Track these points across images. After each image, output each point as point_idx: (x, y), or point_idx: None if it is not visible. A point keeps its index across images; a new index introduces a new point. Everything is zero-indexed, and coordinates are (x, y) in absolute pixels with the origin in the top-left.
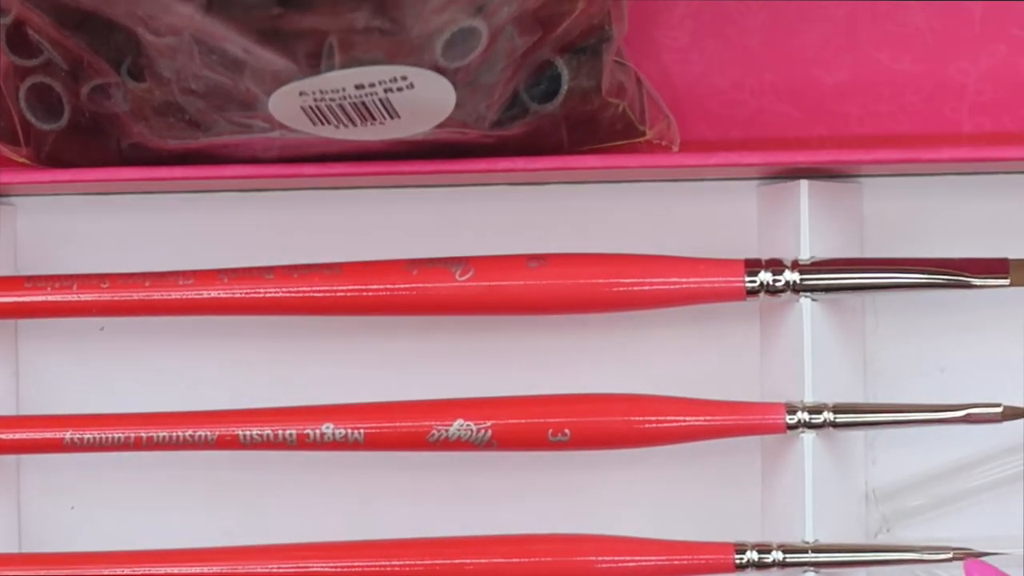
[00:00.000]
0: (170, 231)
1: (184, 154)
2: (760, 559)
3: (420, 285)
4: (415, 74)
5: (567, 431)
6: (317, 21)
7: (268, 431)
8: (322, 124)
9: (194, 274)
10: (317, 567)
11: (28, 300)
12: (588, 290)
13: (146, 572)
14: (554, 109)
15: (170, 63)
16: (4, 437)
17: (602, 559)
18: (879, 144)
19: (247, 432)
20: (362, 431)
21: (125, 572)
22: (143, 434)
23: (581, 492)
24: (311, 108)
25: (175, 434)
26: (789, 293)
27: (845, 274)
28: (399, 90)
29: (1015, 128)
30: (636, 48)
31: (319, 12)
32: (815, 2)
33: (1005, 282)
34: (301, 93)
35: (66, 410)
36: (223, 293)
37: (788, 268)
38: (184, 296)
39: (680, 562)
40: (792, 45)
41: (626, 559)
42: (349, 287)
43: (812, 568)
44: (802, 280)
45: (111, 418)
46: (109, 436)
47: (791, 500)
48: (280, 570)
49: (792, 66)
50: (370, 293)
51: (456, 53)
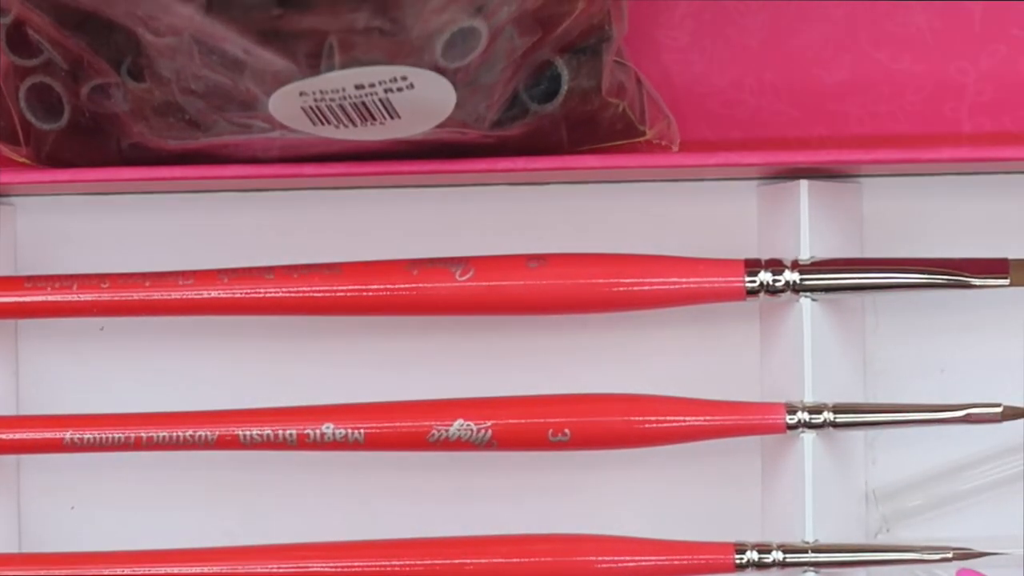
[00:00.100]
0: (170, 231)
1: (184, 154)
2: (760, 559)
3: (420, 285)
4: (415, 74)
5: (567, 431)
6: (317, 21)
7: (268, 431)
8: (322, 124)
9: (194, 274)
10: (317, 567)
11: (28, 300)
12: (588, 290)
13: (146, 572)
14: (554, 109)
15: (170, 63)
16: (4, 437)
17: (602, 559)
18: (879, 144)
19: (247, 432)
20: (362, 431)
21: (125, 572)
22: (143, 434)
23: (581, 492)
24: (311, 108)
25: (175, 434)
26: (789, 293)
27: (845, 274)
28: (399, 90)
29: (1015, 128)
30: (636, 48)
31: (319, 12)
32: (815, 2)
33: (1005, 282)
34: (301, 93)
35: (66, 410)
36: (223, 293)
37: (788, 268)
38: (184, 296)
39: (680, 562)
40: (792, 45)
41: (626, 559)
42: (349, 287)
43: (812, 568)
44: (802, 280)
45: (111, 418)
46: (109, 436)
47: (791, 500)
48: (280, 570)
49: (792, 66)
50: (370, 293)
51: (456, 53)
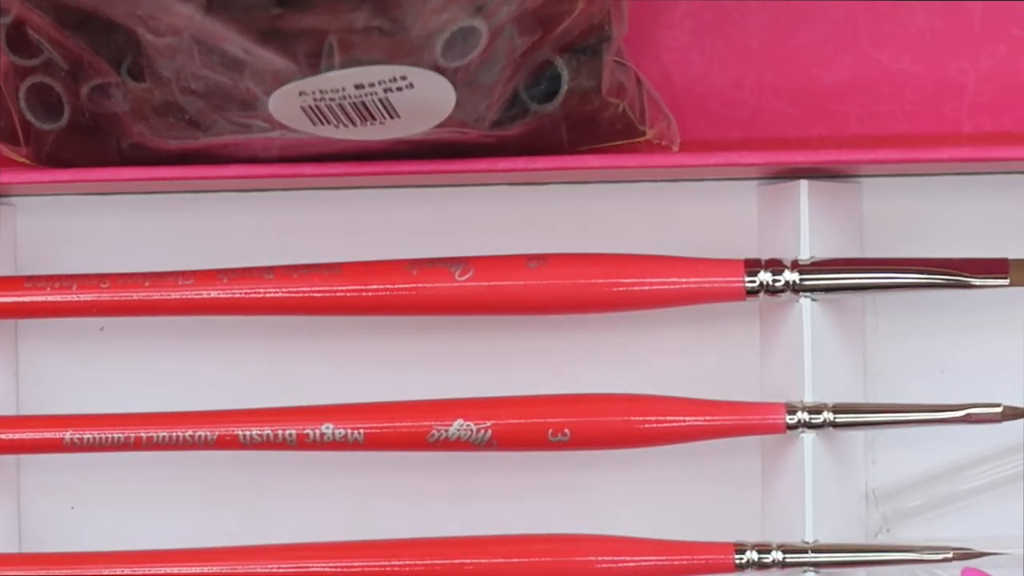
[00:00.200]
0: (170, 231)
1: (184, 154)
2: (760, 559)
3: (420, 285)
4: (415, 74)
5: (567, 431)
6: (317, 21)
7: (268, 431)
8: (322, 124)
9: (194, 274)
10: (317, 567)
11: (28, 300)
12: (588, 290)
13: (146, 572)
14: (554, 109)
15: (170, 63)
16: (4, 437)
17: (602, 559)
18: (879, 144)
19: (247, 432)
20: (362, 431)
21: (125, 572)
22: (143, 434)
23: (581, 492)
24: (311, 108)
25: (175, 434)
26: (789, 293)
27: (845, 274)
28: (399, 90)
29: (1015, 128)
30: (636, 48)
31: (319, 12)
32: (815, 2)
33: (1005, 282)
34: (301, 93)
35: (66, 410)
36: (223, 293)
37: (788, 268)
38: (184, 296)
39: (680, 562)
40: (792, 45)
41: (626, 559)
42: (349, 287)
43: (812, 568)
44: (802, 280)
45: (111, 418)
46: (109, 436)
47: (791, 500)
48: (280, 570)
49: (792, 66)
50: (370, 293)
51: (456, 53)
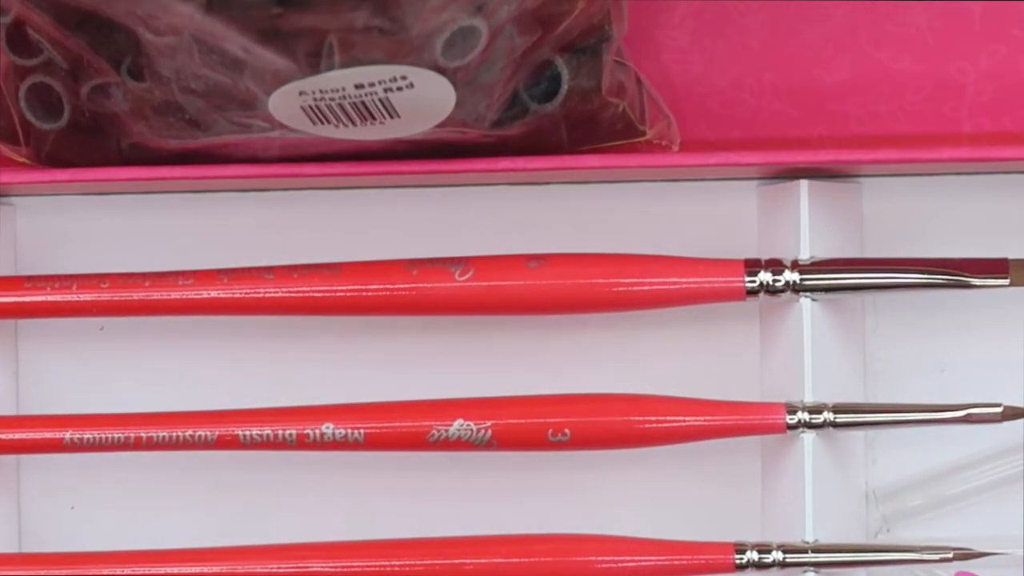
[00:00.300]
0: (170, 231)
1: (184, 154)
2: (760, 559)
3: (420, 285)
4: (415, 74)
5: (567, 431)
6: (317, 20)
7: (268, 431)
8: (322, 124)
9: (194, 274)
10: (317, 567)
11: (28, 300)
12: (588, 290)
13: (146, 572)
14: (554, 109)
15: (170, 63)
16: (4, 437)
17: (602, 559)
18: (879, 144)
19: (247, 432)
20: (362, 431)
21: (125, 572)
22: (143, 434)
23: (581, 492)
24: (311, 108)
25: (175, 434)
26: (789, 293)
27: (845, 274)
28: (399, 90)
29: (1015, 128)
30: (636, 48)
31: (319, 12)
32: (815, 2)
33: (1005, 282)
34: (301, 93)
35: (66, 410)
36: (223, 293)
37: (788, 268)
38: (184, 296)
39: (680, 562)
40: (792, 45)
41: (626, 559)
42: (349, 287)
43: (812, 568)
44: (802, 280)
45: (111, 418)
46: (109, 436)
47: (791, 500)
48: (280, 570)
49: (792, 66)
50: (370, 293)
51: (456, 52)
